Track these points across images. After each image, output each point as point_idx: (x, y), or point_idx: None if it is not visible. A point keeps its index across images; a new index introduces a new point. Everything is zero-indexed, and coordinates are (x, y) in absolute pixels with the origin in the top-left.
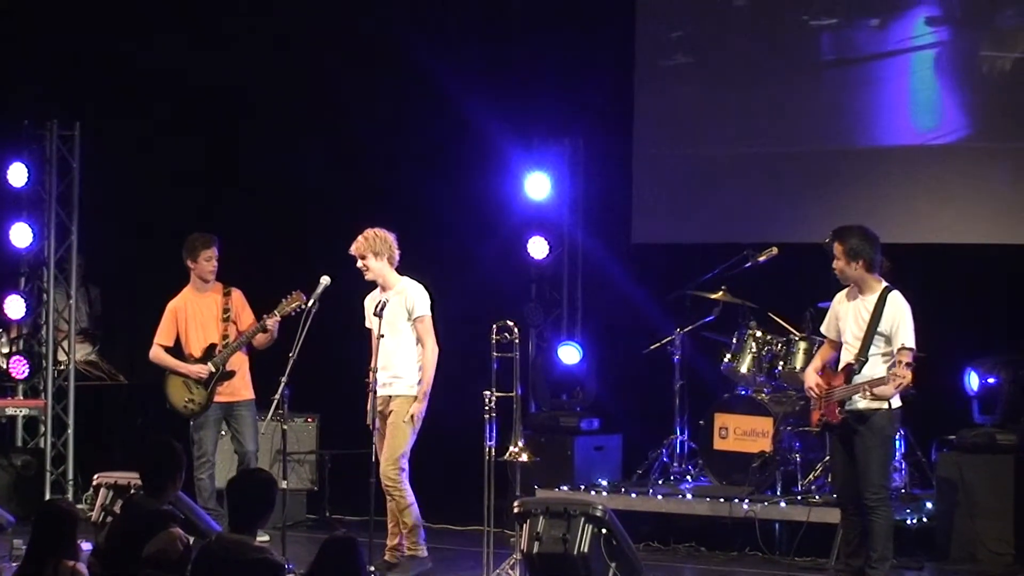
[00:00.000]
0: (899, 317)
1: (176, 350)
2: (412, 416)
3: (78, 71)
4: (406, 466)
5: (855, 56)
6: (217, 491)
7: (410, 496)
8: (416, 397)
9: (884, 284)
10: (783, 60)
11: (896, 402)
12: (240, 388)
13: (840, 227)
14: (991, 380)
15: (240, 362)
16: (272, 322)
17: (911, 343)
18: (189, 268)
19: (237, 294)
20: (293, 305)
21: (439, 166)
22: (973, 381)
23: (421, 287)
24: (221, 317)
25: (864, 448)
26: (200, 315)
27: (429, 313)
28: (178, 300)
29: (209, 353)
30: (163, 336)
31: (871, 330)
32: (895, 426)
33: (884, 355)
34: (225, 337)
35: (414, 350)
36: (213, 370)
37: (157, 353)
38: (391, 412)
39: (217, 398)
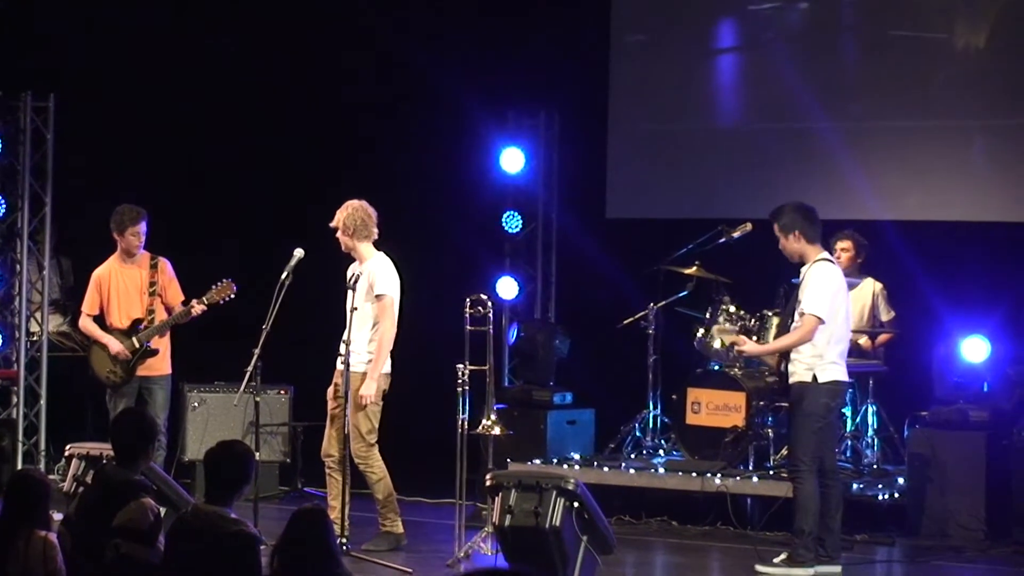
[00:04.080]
0: (810, 283)
1: (100, 319)
2: (362, 397)
3: (52, 42)
4: (374, 441)
5: (828, 33)
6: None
7: (381, 471)
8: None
9: (820, 256)
10: (758, 36)
11: (826, 376)
12: (159, 364)
13: (775, 208)
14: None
15: (162, 339)
16: (199, 309)
17: (811, 308)
18: (115, 239)
19: (164, 265)
20: (222, 295)
21: (413, 140)
22: (979, 350)
23: (389, 266)
24: (147, 290)
25: (790, 421)
26: (123, 286)
27: (391, 294)
28: (102, 269)
29: (134, 328)
30: (89, 306)
31: (795, 301)
32: (821, 401)
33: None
34: (151, 311)
35: (369, 326)
36: (137, 347)
37: (84, 323)
38: (351, 388)
39: (137, 372)
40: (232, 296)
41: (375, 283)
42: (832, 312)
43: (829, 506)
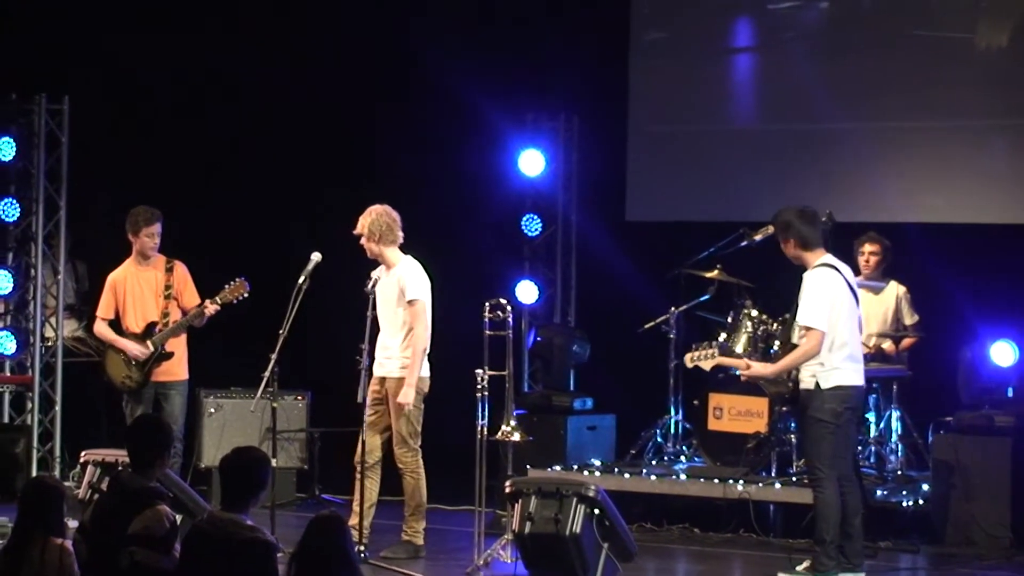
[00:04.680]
0: (804, 294)
1: (115, 323)
2: (401, 405)
3: (67, 44)
4: (417, 447)
5: (850, 32)
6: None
7: (420, 476)
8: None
9: (819, 261)
10: (778, 36)
11: (829, 382)
12: (175, 369)
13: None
14: None
15: (178, 343)
16: (212, 309)
17: (804, 320)
18: (131, 241)
19: (180, 268)
20: (236, 294)
21: (431, 142)
22: (1007, 354)
23: (419, 269)
24: (163, 294)
25: (802, 429)
26: (139, 289)
27: (423, 298)
28: (118, 273)
29: (149, 331)
30: (104, 310)
31: (794, 313)
32: (826, 407)
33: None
34: (166, 314)
35: (403, 332)
36: (152, 350)
37: (99, 327)
38: (387, 393)
39: (152, 376)
40: (246, 295)
41: (406, 288)
42: (832, 320)
43: (847, 512)
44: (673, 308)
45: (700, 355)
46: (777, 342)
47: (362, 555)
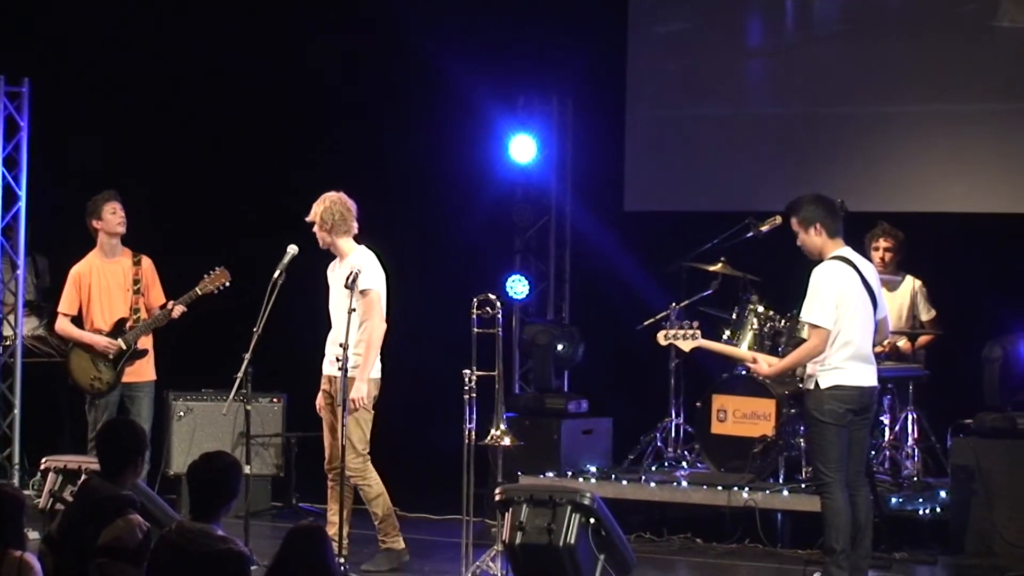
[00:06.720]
0: (809, 288)
1: (79, 320)
2: (353, 401)
3: (27, 22)
4: (366, 453)
5: (864, 12)
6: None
7: (378, 484)
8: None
9: (834, 253)
10: (783, 19)
11: (828, 382)
12: (143, 369)
13: (791, 201)
14: None
15: (146, 341)
16: (179, 311)
17: (807, 316)
18: (96, 230)
19: (147, 263)
20: (217, 282)
21: (416, 127)
22: None
23: (372, 258)
24: (131, 288)
25: (806, 431)
26: (105, 283)
27: (377, 288)
28: (81, 266)
29: (119, 328)
30: (67, 305)
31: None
32: (826, 408)
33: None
34: (136, 310)
35: (356, 327)
36: (124, 347)
37: (62, 324)
38: (337, 395)
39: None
40: (227, 284)
41: (358, 279)
42: (836, 316)
43: (856, 520)
44: (674, 304)
45: (679, 333)
46: (785, 339)
47: (343, 567)
